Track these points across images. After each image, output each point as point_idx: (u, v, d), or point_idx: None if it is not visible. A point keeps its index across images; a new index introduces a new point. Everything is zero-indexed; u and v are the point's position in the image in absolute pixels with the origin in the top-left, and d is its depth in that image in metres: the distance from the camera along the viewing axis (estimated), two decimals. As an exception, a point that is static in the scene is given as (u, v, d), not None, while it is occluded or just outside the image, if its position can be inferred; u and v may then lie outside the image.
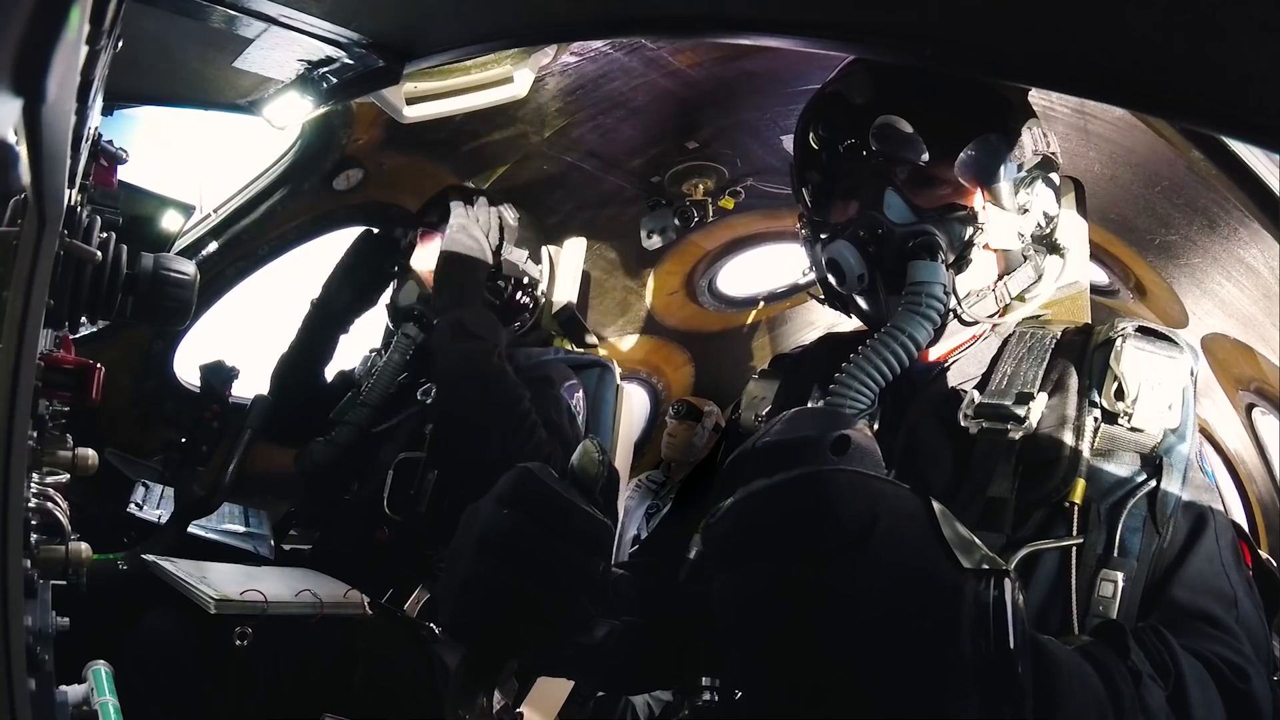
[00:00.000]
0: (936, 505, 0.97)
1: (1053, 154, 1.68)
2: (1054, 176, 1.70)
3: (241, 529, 3.40)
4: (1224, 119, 1.05)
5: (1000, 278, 1.68)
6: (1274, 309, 3.15)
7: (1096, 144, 2.80)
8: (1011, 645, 0.91)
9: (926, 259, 1.55)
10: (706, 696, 1.41)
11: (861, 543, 0.91)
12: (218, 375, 3.35)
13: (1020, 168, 1.63)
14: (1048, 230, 1.70)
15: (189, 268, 1.58)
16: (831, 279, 1.70)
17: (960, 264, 1.61)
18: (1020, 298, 1.70)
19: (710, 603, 1.10)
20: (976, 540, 0.97)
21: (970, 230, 1.61)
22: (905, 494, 0.99)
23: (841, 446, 1.06)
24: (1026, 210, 1.65)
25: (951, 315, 1.63)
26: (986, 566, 0.94)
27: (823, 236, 1.71)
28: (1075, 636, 1.25)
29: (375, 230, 3.55)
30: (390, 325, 3.34)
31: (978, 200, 1.63)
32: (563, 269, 3.75)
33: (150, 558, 2.50)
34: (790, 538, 0.96)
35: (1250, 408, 3.99)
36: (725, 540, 1.02)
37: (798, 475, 0.98)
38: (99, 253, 1.36)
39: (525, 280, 3.29)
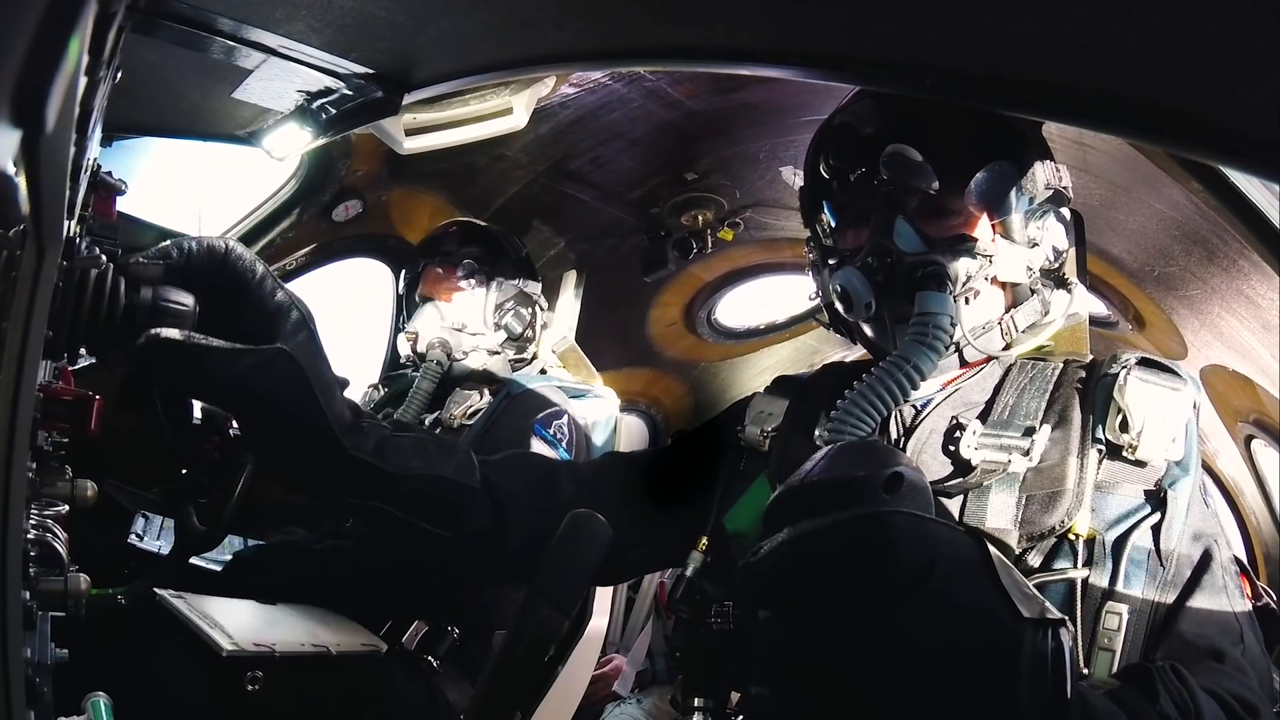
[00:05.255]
0: (993, 551, 0.97)
1: (1065, 188, 1.68)
2: (1064, 211, 1.69)
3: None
4: (1222, 149, 1.05)
5: (1007, 310, 1.68)
6: (1273, 340, 3.14)
7: (1096, 175, 2.81)
8: (1067, 694, 0.91)
9: (935, 289, 1.54)
10: (698, 718, 1.40)
11: (919, 586, 0.91)
12: None
13: (1032, 200, 1.63)
14: (1056, 265, 1.69)
15: (188, 299, 1.57)
16: (839, 306, 1.70)
17: (966, 296, 1.61)
18: (1027, 332, 1.69)
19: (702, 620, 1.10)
20: (1033, 588, 0.97)
21: (978, 262, 1.60)
22: (961, 538, 0.99)
23: (894, 485, 1.05)
24: (1036, 244, 1.65)
25: (955, 349, 1.63)
26: (1045, 616, 0.94)
27: (831, 263, 1.71)
28: (1105, 681, 1.25)
29: None
30: (413, 353, 3.25)
31: (987, 232, 1.62)
32: (562, 301, 3.75)
33: (162, 593, 2.46)
34: (848, 579, 0.96)
35: (1249, 439, 3.98)
36: (775, 578, 1.01)
37: (856, 516, 0.98)
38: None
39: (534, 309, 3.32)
